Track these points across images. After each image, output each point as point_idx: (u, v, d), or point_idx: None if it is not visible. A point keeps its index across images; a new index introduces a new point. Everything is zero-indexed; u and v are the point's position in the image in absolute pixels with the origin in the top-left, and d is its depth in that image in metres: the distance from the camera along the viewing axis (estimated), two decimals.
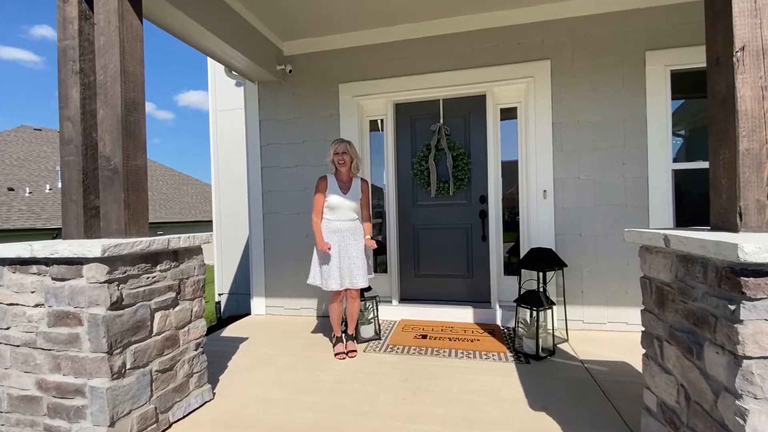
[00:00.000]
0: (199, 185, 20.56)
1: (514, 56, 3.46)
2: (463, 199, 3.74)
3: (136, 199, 1.98)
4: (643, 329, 1.72)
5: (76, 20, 1.98)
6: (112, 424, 1.67)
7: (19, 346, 1.79)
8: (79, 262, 1.68)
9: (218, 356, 2.88)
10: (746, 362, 1.08)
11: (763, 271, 1.08)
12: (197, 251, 2.19)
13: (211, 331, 5.05)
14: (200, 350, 2.20)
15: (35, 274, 1.77)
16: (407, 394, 2.26)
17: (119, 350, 1.72)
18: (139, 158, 2.00)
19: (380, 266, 3.97)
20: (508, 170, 3.73)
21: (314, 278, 2.90)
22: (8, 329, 1.81)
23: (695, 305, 1.31)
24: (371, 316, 3.19)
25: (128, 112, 1.96)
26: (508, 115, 3.70)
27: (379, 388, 2.35)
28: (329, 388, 2.37)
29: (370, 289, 3.15)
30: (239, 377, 2.54)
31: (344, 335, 2.98)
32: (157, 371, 1.90)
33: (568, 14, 3.34)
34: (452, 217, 3.76)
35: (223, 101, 5.86)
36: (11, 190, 12.18)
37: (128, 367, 1.76)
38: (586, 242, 3.34)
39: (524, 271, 3.10)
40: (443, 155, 3.69)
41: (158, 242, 1.88)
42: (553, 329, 2.88)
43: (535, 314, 2.76)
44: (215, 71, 5.72)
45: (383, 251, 3.95)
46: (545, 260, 2.95)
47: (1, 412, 1.83)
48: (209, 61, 5.71)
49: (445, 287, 3.79)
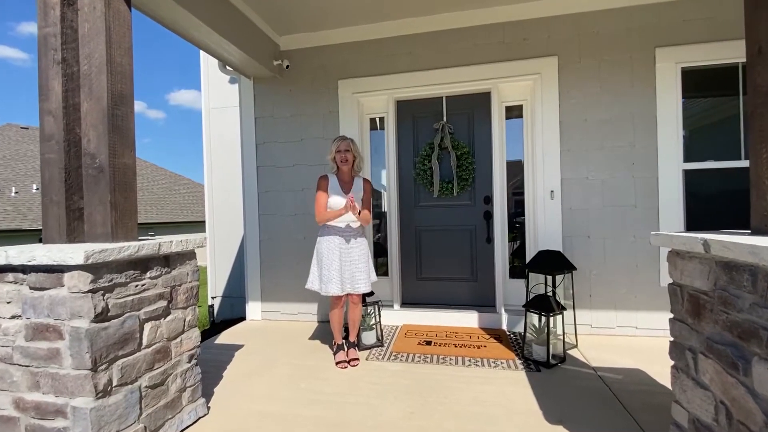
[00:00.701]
0: (191, 185, 20.24)
1: (519, 52, 3.35)
2: (467, 199, 3.62)
3: (123, 199, 1.82)
4: (671, 339, 1.61)
5: (57, 5, 1.81)
6: None
7: None
8: (59, 269, 1.52)
9: (213, 366, 2.72)
10: None
11: None
12: (190, 256, 2.04)
13: (204, 336, 4.88)
14: (194, 362, 2.05)
15: (11, 282, 1.60)
16: (415, 406, 2.13)
17: (105, 366, 1.57)
18: (127, 156, 1.85)
19: (381, 268, 3.84)
20: (513, 170, 3.63)
21: (312, 283, 2.76)
22: None
23: (741, 317, 1.20)
24: (373, 322, 3.05)
25: (115, 105, 1.80)
26: (512, 114, 3.59)
27: (384, 400, 2.22)
28: (331, 400, 2.23)
29: (372, 293, 3.02)
30: (235, 389, 2.39)
31: (345, 342, 2.85)
32: (146, 387, 1.75)
33: (574, 9, 3.24)
34: (456, 218, 3.64)
35: (216, 99, 5.68)
36: None
37: (115, 384, 1.61)
38: (594, 244, 3.24)
39: (532, 274, 2.99)
40: (446, 154, 3.57)
41: (148, 247, 1.73)
42: (563, 335, 2.77)
43: (545, 320, 2.65)
44: (208, 67, 5.54)
45: (384, 253, 3.82)
46: (555, 263, 2.85)
47: None
48: (202, 57, 5.53)
49: (448, 291, 3.67)
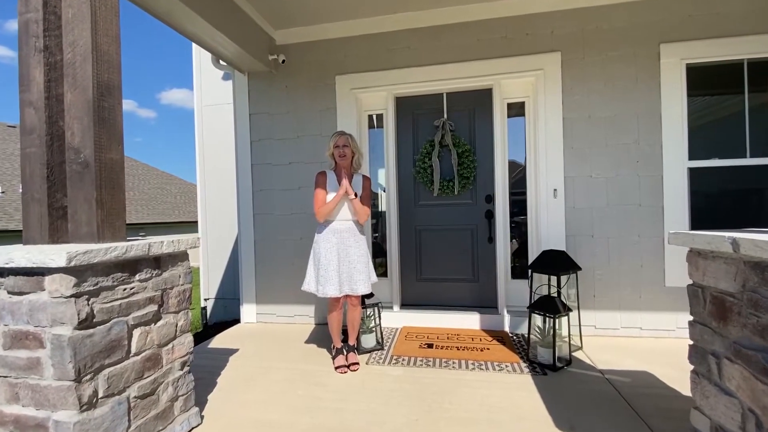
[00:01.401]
0: (183, 185, 19.94)
1: (522, 48, 3.27)
2: (468, 198, 3.54)
3: (110, 197, 1.71)
4: (691, 343, 1.54)
5: None
6: None
7: None
8: (39, 272, 1.40)
9: (206, 372, 2.61)
10: None
11: None
12: (182, 257, 1.93)
13: (196, 340, 4.74)
14: (186, 369, 1.94)
15: None
16: (419, 413, 2.04)
17: (89, 376, 1.46)
18: (114, 150, 1.73)
19: (380, 269, 3.74)
20: (515, 168, 3.55)
21: (309, 284, 2.66)
22: None
23: None
24: (373, 324, 2.96)
25: (101, 96, 1.69)
26: (514, 111, 3.51)
27: (387, 406, 2.12)
28: (331, 407, 2.13)
29: (372, 295, 2.92)
30: (230, 396, 2.28)
31: (345, 346, 2.75)
32: (135, 397, 1.64)
33: (578, 4, 3.18)
34: (457, 217, 3.56)
35: (209, 95, 5.53)
36: None
37: (101, 395, 1.49)
38: (598, 244, 3.17)
39: (535, 274, 2.92)
40: (447, 152, 3.48)
41: (137, 248, 1.62)
42: (569, 337, 2.70)
43: (551, 322, 2.57)
44: (201, 63, 5.40)
45: (383, 254, 3.73)
46: (560, 263, 2.78)
47: None
48: (195, 52, 5.39)
49: (449, 292, 3.59)
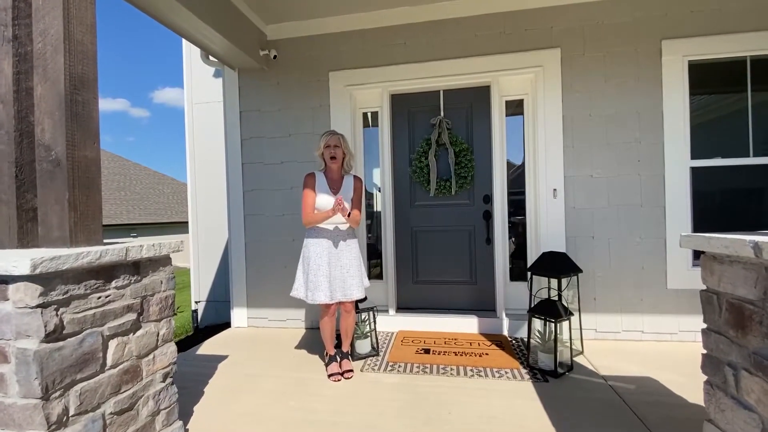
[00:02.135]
0: (175, 185, 19.68)
1: (521, 44, 3.19)
2: (465, 198, 3.44)
3: (85, 198, 1.58)
4: (704, 352, 1.45)
5: None
6: None
7: None
8: (2, 280, 1.28)
9: (193, 380, 2.49)
10: None
11: None
12: (165, 261, 1.81)
13: (186, 344, 4.61)
14: (169, 381, 1.82)
15: None
16: (417, 425, 1.94)
17: (59, 393, 1.34)
18: (89, 148, 1.61)
19: (374, 269, 3.65)
20: (513, 168, 3.47)
21: (297, 290, 2.55)
22: None
23: None
24: (368, 329, 2.86)
25: (74, 89, 1.57)
26: (512, 110, 3.42)
27: (383, 418, 2.02)
28: (326, 419, 2.02)
29: (365, 299, 2.82)
30: (217, 408, 2.17)
31: (338, 353, 2.64)
32: (111, 414, 1.52)
33: None
34: (454, 218, 3.46)
35: (200, 93, 5.39)
36: None
37: (72, 413, 1.37)
38: (598, 245, 3.10)
39: (535, 277, 2.83)
40: (444, 151, 3.38)
41: (113, 253, 1.50)
42: (570, 341, 2.61)
43: (552, 326, 2.49)
44: (191, 59, 5.26)
45: (378, 256, 3.63)
46: (560, 265, 2.69)
47: None
48: (185, 47, 5.26)
49: (446, 295, 3.49)
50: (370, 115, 3.66)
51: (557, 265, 2.69)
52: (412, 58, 3.33)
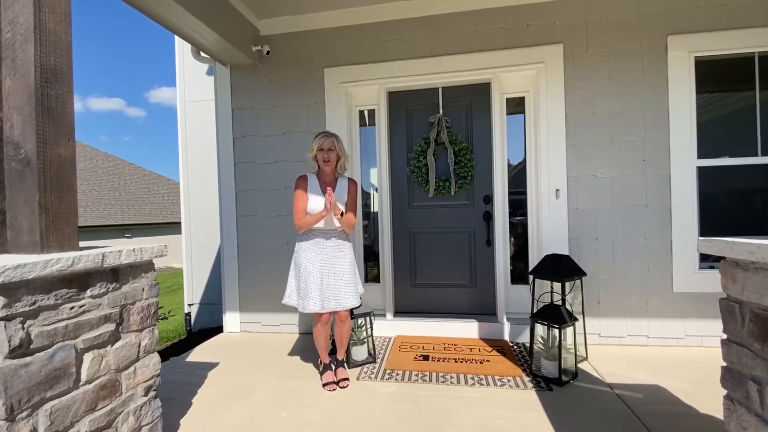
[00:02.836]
0: (171, 185, 19.47)
1: (522, 39, 3.09)
2: (465, 199, 3.34)
3: (57, 200, 1.47)
4: (724, 365, 1.36)
5: None
6: None
7: None
8: None
9: (181, 390, 2.37)
10: None
11: None
12: (146, 268, 1.70)
13: (179, 348, 4.49)
14: (152, 395, 1.71)
15: None
16: None
17: (26, 413, 1.22)
18: (62, 146, 1.49)
19: (371, 272, 3.54)
20: (514, 168, 3.37)
21: (290, 297, 2.45)
22: None
23: None
24: (365, 335, 2.75)
25: (46, 82, 1.45)
26: (513, 108, 3.32)
27: (381, 431, 1.91)
28: None
29: (360, 305, 2.71)
30: (205, 420, 2.05)
31: (333, 361, 2.53)
32: None
33: None
34: (453, 219, 3.36)
35: (193, 91, 5.26)
36: None
37: None
38: (602, 247, 3.00)
39: (537, 280, 2.73)
40: (443, 150, 3.28)
41: (87, 259, 1.39)
42: (575, 347, 2.52)
43: (556, 332, 2.39)
44: (184, 56, 5.12)
45: (375, 258, 3.52)
46: (564, 268, 2.59)
47: None
48: (177, 44, 5.13)
49: (445, 298, 3.39)
50: (367, 113, 3.55)
51: (561, 268, 2.59)
52: (409, 54, 3.23)
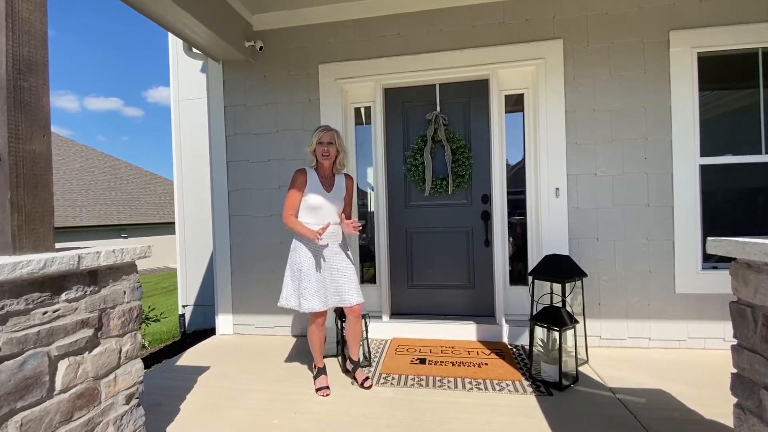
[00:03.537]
0: (168, 184, 19.31)
1: (521, 35, 3.02)
2: (463, 198, 3.27)
3: (32, 198, 1.39)
4: (735, 372, 1.29)
5: None
6: None
7: None
8: None
9: (170, 395, 2.30)
10: None
11: None
12: (128, 270, 1.62)
13: (172, 350, 4.40)
14: (134, 403, 1.63)
15: None
16: None
17: None
18: (36, 141, 1.41)
19: (367, 272, 3.47)
20: (512, 167, 3.30)
21: (287, 299, 2.37)
22: None
23: None
24: (360, 338, 2.67)
25: (19, 74, 1.37)
26: (509, 108, 3.24)
27: None
28: None
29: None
30: (193, 428, 1.98)
31: (349, 362, 2.54)
32: None
33: None
34: (451, 219, 3.28)
35: (187, 89, 5.16)
36: None
37: None
38: (603, 247, 2.94)
39: (537, 281, 2.66)
40: (440, 148, 3.21)
41: (61, 261, 1.31)
42: (576, 350, 2.45)
43: (556, 335, 2.32)
44: (178, 53, 5.02)
45: (371, 259, 3.45)
46: (564, 269, 2.51)
47: None
48: (171, 40, 5.04)
49: (443, 300, 3.31)
50: (363, 110, 3.48)
51: (561, 268, 2.52)
52: (406, 49, 3.15)
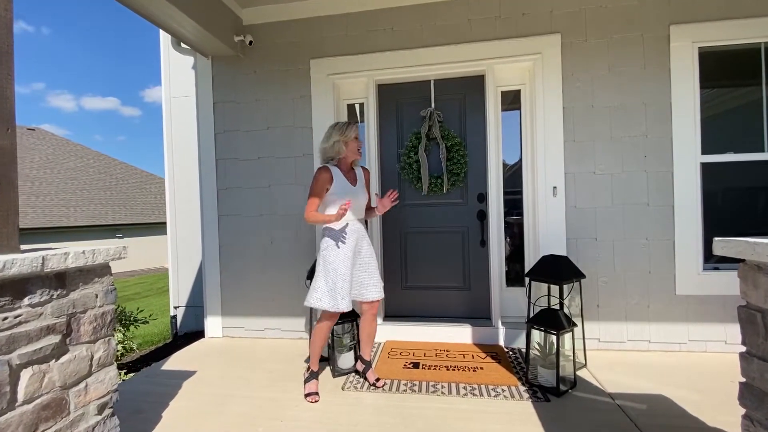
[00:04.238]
0: (163, 184, 19.19)
1: (518, 29, 2.94)
2: (458, 197, 3.18)
3: None
4: (743, 381, 1.21)
5: None
6: None
7: None
8: None
9: (152, 402, 2.21)
10: None
11: None
12: (101, 272, 1.53)
13: (161, 353, 4.30)
14: (108, 413, 1.54)
15: None
16: None
17: None
18: (0, 136, 1.32)
19: None
20: (509, 167, 3.22)
21: (321, 299, 2.15)
22: None
23: None
24: (350, 341, 2.58)
25: None
26: (505, 107, 3.17)
27: None
28: None
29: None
30: None
31: (360, 361, 2.47)
32: None
33: None
34: (446, 218, 3.20)
35: (178, 86, 5.07)
36: None
37: None
38: (602, 247, 2.86)
39: (534, 283, 2.58)
40: (435, 146, 3.12)
41: (22, 263, 1.22)
42: (573, 353, 2.37)
43: (553, 338, 2.24)
44: (169, 50, 4.91)
45: None
46: (562, 270, 2.44)
47: None
48: (162, 37, 4.94)
49: (437, 301, 3.23)
50: (357, 107, 3.39)
51: (558, 270, 2.44)
52: (400, 44, 3.07)
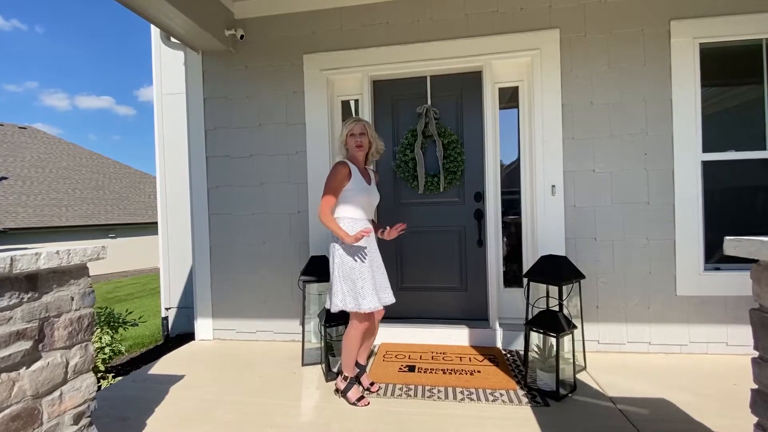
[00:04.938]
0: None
1: (516, 24, 2.88)
2: (455, 196, 3.12)
3: None
4: (756, 388, 1.15)
5: None
6: None
7: None
8: None
9: (136, 408, 2.12)
10: None
11: None
12: (77, 273, 1.44)
13: (152, 355, 4.20)
14: (85, 422, 1.46)
15: None
16: None
17: None
18: None
19: None
20: (507, 165, 3.16)
21: (344, 302, 2.09)
22: None
23: None
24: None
25: None
26: (503, 104, 3.10)
27: None
28: None
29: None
30: None
31: (355, 365, 2.30)
32: None
33: None
34: (442, 217, 3.13)
35: (169, 83, 4.97)
36: None
37: None
38: (601, 247, 2.80)
39: (532, 283, 2.52)
40: (432, 143, 3.05)
41: None
42: (573, 356, 2.31)
43: (553, 341, 2.17)
44: (160, 45, 4.78)
45: None
46: (561, 271, 2.37)
47: None
48: (152, 33, 4.84)
49: (434, 303, 3.16)
50: (352, 103, 3.32)
51: (558, 270, 2.38)
52: (395, 39, 3.00)
